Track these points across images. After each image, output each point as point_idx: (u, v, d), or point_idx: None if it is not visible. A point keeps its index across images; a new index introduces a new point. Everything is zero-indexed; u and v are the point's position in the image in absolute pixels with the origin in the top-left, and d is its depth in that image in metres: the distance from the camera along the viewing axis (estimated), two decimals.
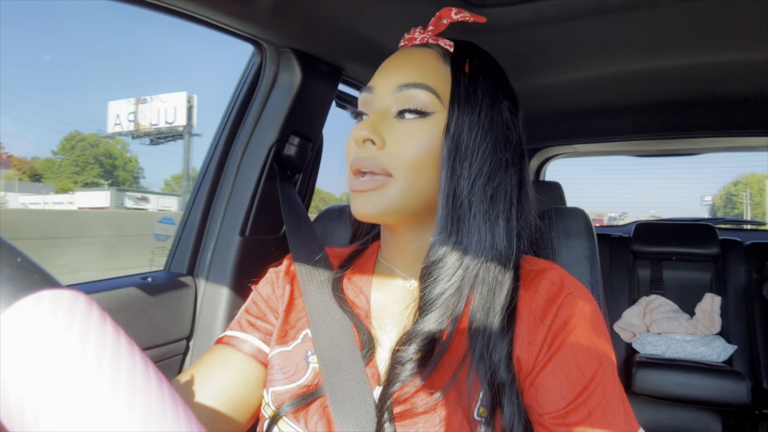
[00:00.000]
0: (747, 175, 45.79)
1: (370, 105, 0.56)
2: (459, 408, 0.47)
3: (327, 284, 0.61)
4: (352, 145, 0.55)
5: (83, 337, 0.24)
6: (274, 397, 0.55)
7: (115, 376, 0.24)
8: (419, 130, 0.53)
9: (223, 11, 0.84)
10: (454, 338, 0.51)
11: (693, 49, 1.09)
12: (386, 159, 0.52)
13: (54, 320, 0.24)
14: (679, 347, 1.97)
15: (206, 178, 1.10)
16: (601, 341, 0.50)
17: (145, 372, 0.25)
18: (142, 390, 0.24)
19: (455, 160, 0.52)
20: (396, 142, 0.53)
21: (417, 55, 0.56)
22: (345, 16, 0.91)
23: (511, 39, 1.04)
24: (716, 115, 1.67)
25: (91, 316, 0.25)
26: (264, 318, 0.61)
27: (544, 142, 2.33)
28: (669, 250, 2.18)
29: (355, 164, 0.54)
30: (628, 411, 0.48)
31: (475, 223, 0.52)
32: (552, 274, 0.54)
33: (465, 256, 0.52)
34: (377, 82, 0.56)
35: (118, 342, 0.25)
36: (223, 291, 1.04)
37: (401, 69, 0.55)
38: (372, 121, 0.53)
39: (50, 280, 0.26)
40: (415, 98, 0.53)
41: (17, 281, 0.25)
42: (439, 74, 0.55)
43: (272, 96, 1.07)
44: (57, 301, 0.25)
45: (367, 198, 0.53)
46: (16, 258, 0.26)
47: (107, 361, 0.24)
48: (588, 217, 0.91)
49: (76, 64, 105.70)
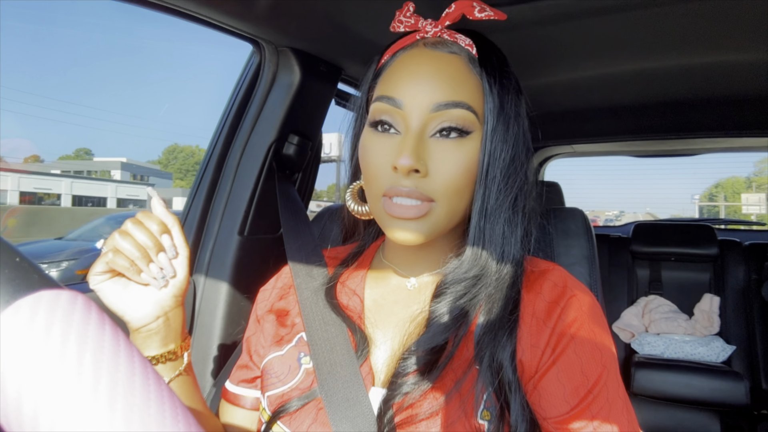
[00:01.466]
0: (725, 180, 47.82)
1: (399, 120, 0.51)
2: (462, 414, 0.47)
3: (322, 288, 0.60)
4: (386, 168, 0.50)
5: (81, 339, 0.24)
6: (270, 401, 0.55)
7: (114, 378, 0.23)
8: (460, 152, 0.50)
9: (222, 10, 0.84)
10: (460, 346, 0.50)
11: (692, 49, 1.09)
12: (429, 186, 0.49)
13: (52, 321, 0.24)
14: (678, 347, 1.97)
15: (205, 177, 1.09)
16: (605, 344, 0.49)
17: (144, 374, 0.25)
18: (141, 393, 0.24)
19: (488, 175, 0.51)
20: (439, 167, 0.49)
21: (447, 63, 0.52)
22: (344, 15, 0.91)
23: (510, 39, 1.04)
24: (715, 115, 1.67)
25: (89, 317, 0.25)
26: (256, 367, 0.63)
27: (543, 142, 2.33)
28: (668, 251, 2.19)
29: (393, 191, 0.49)
30: (631, 416, 0.48)
31: (500, 235, 0.52)
32: (554, 275, 0.53)
33: (487, 270, 0.52)
34: (407, 97, 0.50)
35: (116, 343, 0.25)
36: (222, 290, 1.04)
37: (435, 83, 0.50)
38: (414, 148, 0.48)
39: (49, 281, 0.26)
40: (457, 118, 0.50)
41: (16, 281, 0.24)
42: (472, 87, 0.52)
43: (271, 95, 1.07)
44: (55, 301, 0.24)
45: (411, 226, 0.50)
46: (15, 258, 0.25)
47: (105, 363, 0.24)
48: (587, 217, 0.91)
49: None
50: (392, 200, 0.50)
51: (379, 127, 0.52)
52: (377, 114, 0.52)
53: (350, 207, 0.60)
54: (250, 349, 0.64)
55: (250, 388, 0.63)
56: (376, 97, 0.53)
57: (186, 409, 0.26)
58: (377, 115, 0.52)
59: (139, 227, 0.53)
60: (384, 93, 0.52)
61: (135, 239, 0.52)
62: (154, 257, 0.53)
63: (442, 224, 0.51)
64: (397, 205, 0.49)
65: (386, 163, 0.50)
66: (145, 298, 0.54)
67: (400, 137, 0.51)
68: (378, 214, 0.53)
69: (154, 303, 0.54)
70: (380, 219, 0.53)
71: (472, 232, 0.52)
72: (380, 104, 0.52)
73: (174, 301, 0.55)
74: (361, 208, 0.59)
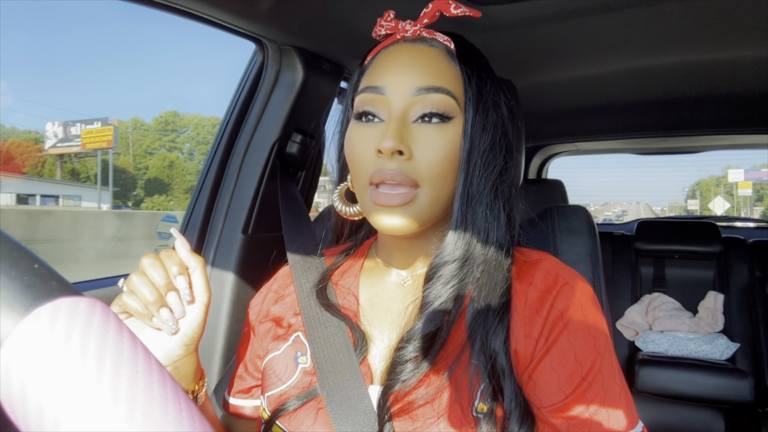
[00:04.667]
0: (701, 180, 49.44)
1: (382, 107, 0.52)
2: (458, 403, 0.47)
3: (319, 289, 0.61)
4: (370, 155, 0.51)
5: (101, 346, 0.24)
6: (269, 401, 0.55)
7: (133, 385, 0.24)
8: (443, 137, 0.51)
9: (225, 9, 0.84)
10: (452, 332, 0.51)
11: (693, 46, 1.09)
12: (414, 170, 0.50)
13: (71, 329, 0.24)
14: (682, 345, 1.97)
15: (209, 176, 1.10)
16: (599, 330, 0.50)
17: (162, 382, 0.25)
18: (159, 400, 0.24)
19: (470, 161, 0.52)
20: (423, 151, 0.50)
21: (427, 54, 0.54)
22: (346, 13, 0.91)
23: (512, 37, 1.04)
24: (716, 112, 1.66)
25: (108, 325, 0.25)
26: (251, 377, 0.64)
27: (546, 140, 2.33)
28: (671, 248, 2.18)
29: (378, 176, 0.50)
30: (629, 403, 0.48)
31: (483, 219, 0.53)
32: (546, 265, 0.54)
33: (472, 253, 0.53)
34: (388, 82, 0.52)
35: (135, 351, 0.25)
36: (226, 289, 1.04)
37: (416, 70, 0.52)
38: (397, 130, 0.49)
39: (68, 287, 0.26)
40: (437, 103, 0.51)
41: (35, 288, 0.24)
42: (451, 75, 0.53)
43: (274, 94, 1.07)
44: (74, 309, 0.25)
45: (397, 213, 0.51)
46: (34, 264, 0.25)
47: (125, 370, 0.24)
48: (590, 214, 0.91)
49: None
50: (378, 189, 0.51)
51: (363, 118, 0.54)
52: (361, 105, 0.54)
53: (338, 208, 0.61)
54: (245, 359, 0.64)
55: (247, 398, 0.64)
56: (360, 90, 0.55)
57: (203, 417, 0.26)
58: (361, 107, 0.54)
59: (157, 268, 0.51)
60: (366, 84, 0.54)
61: (150, 280, 0.50)
62: (165, 299, 0.51)
63: (427, 211, 0.52)
64: (383, 194, 0.50)
65: (370, 150, 0.51)
66: (156, 344, 0.52)
67: (384, 124, 0.52)
68: (365, 206, 0.54)
69: (164, 352, 0.52)
70: (367, 210, 0.54)
71: (454, 216, 0.53)
72: (364, 95, 0.54)
73: (184, 350, 0.53)
74: (349, 209, 0.60)
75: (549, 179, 1.83)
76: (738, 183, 40.03)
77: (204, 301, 0.53)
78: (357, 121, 0.54)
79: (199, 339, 0.55)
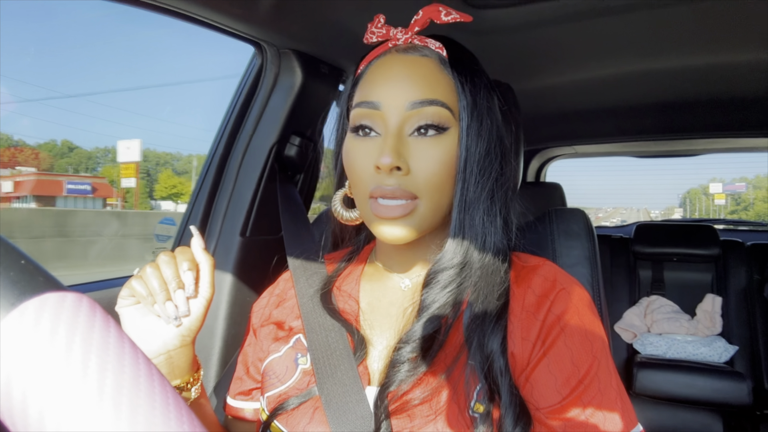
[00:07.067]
0: (691, 189, 52.20)
1: (378, 122, 0.53)
2: (455, 403, 0.48)
3: (320, 293, 0.61)
4: (369, 170, 0.52)
5: (86, 341, 0.24)
6: (269, 401, 0.56)
7: (119, 380, 0.24)
8: (439, 149, 0.52)
9: (224, 13, 0.84)
10: (450, 334, 0.51)
11: (693, 50, 1.09)
12: (412, 183, 0.51)
13: (57, 324, 0.24)
14: (680, 348, 1.97)
15: (207, 179, 1.10)
16: (595, 334, 0.50)
17: (149, 376, 0.25)
18: (146, 394, 0.24)
19: (466, 169, 0.53)
20: (420, 164, 0.51)
21: (420, 65, 0.54)
22: (345, 16, 0.91)
23: (511, 40, 1.04)
24: (716, 116, 1.67)
25: (94, 320, 0.25)
26: (251, 380, 0.64)
27: (545, 143, 2.33)
28: (670, 251, 2.18)
29: (378, 191, 0.51)
30: (626, 405, 0.48)
31: (480, 225, 0.54)
32: (545, 270, 0.55)
33: (470, 259, 0.53)
34: (384, 98, 0.53)
35: (121, 345, 0.25)
36: (224, 291, 1.04)
37: (410, 83, 0.52)
38: (394, 146, 0.50)
39: (54, 283, 0.26)
40: (432, 115, 0.52)
41: (21, 284, 0.24)
42: (444, 85, 0.54)
43: (273, 97, 1.07)
44: (60, 304, 0.25)
45: (398, 224, 0.52)
46: (20, 260, 0.25)
47: (110, 365, 0.24)
48: (588, 217, 0.91)
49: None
50: (378, 201, 0.52)
51: (360, 131, 0.54)
52: (357, 119, 0.54)
53: (337, 213, 0.61)
54: (247, 362, 0.65)
55: (247, 400, 0.64)
56: (355, 104, 0.55)
57: (191, 411, 0.26)
58: (357, 121, 0.54)
59: (169, 263, 0.54)
60: (362, 99, 0.55)
61: (161, 272, 0.53)
62: (172, 294, 0.53)
63: (427, 220, 0.53)
64: (384, 206, 0.51)
65: (369, 165, 0.52)
66: (154, 332, 0.54)
67: (381, 138, 0.53)
68: (366, 216, 0.55)
69: (161, 340, 0.54)
70: (368, 220, 0.55)
71: (453, 224, 0.54)
72: (359, 110, 0.54)
73: (180, 341, 0.55)
74: (349, 214, 0.61)
75: (547, 182, 1.84)
76: (714, 194, 46.77)
77: (207, 296, 0.56)
78: (354, 134, 0.55)
79: (197, 332, 0.56)
